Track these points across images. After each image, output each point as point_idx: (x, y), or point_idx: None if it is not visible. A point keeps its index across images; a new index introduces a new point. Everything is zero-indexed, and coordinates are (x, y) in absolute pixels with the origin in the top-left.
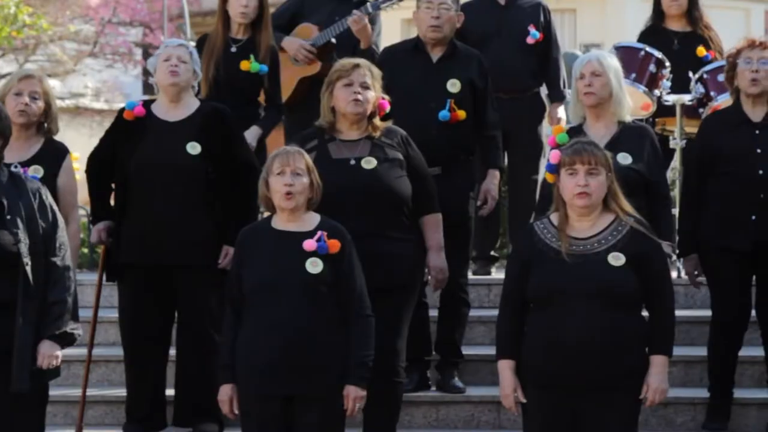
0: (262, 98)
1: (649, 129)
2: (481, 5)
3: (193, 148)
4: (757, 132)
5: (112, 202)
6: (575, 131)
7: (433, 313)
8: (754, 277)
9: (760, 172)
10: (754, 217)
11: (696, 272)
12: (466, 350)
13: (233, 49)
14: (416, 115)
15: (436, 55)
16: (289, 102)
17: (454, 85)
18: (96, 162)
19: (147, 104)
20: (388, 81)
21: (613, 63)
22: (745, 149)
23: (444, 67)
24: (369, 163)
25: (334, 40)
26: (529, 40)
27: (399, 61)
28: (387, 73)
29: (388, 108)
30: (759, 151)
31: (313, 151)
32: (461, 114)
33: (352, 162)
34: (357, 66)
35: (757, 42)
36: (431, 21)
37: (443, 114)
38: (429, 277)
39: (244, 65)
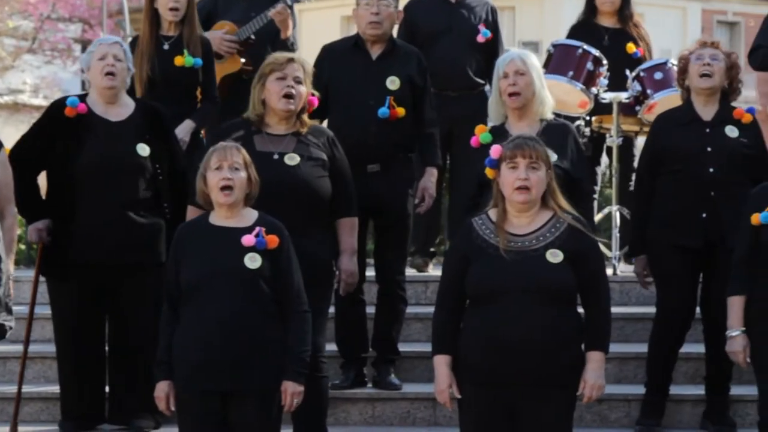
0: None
1: (571, 126)
2: (431, 3)
3: (143, 149)
4: (707, 130)
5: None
6: (498, 130)
7: (370, 310)
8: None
9: (711, 170)
10: (704, 215)
11: (645, 272)
12: (403, 347)
13: (165, 47)
14: (355, 112)
15: (375, 52)
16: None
17: (393, 83)
18: (24, 155)
19: (82, 99)
20: (327, 78)
21: (535, 62)
22: (696, 148)
23: (383, 65)
24: (292, 159)
25: (253, 37)
26: (480, 39)
27: (338, 59)
28: (326, 70)
29: (316, 104)
30: (710, 149)
31: (238, 142)
32: (400, 111)
33: (276, 156)
34: (291, 60)
35: (709, 42)
36: (371, 18)
37: (382, 111)
38: (338, 280)
39: (179, 60)
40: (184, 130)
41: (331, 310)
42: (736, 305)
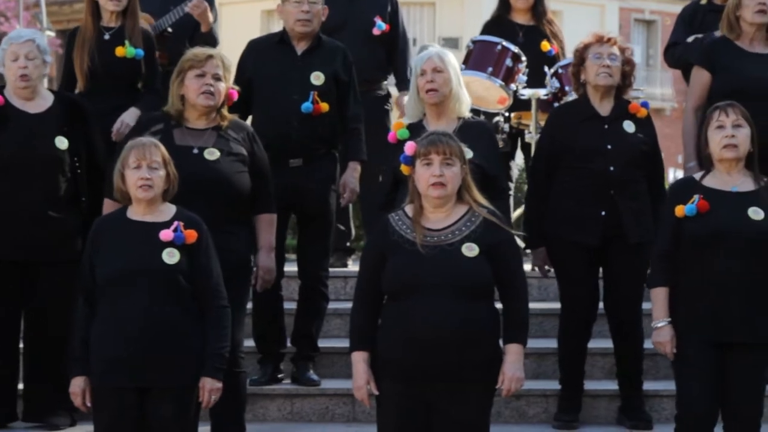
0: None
1: (488, 124)
2: None
3: (61, 142)
4: (606, 127)
5: None
6: (416, 127)
7: (289, 305)
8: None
9: (611, 168)
10: (604, 213)
11: (546, 264)
12: (322, 343)
13: (106, 37)
14: (279, 106)
15: (301, 48)
16: None
17: (317, 78)
18: None
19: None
20: (251, 73)
21: (453, 60)
22: (596, 146)
23: (308, 60)
24: (212, 154)
25: (170, 29)
26: (375, 32)
27: (264, 54)
28: (251, 65)
29: (236, 97)
30: (609, 147)
31: (157, 135)
32: (324, 106)
33: (195, 151)
34: (210, 57)
35: (605, 38)
36: (301, 15)
37: (306, 106)
38: (255, 276)
39: (120, 51)
40: (130, 115)
41: (249, 305)
42: (660, 297)
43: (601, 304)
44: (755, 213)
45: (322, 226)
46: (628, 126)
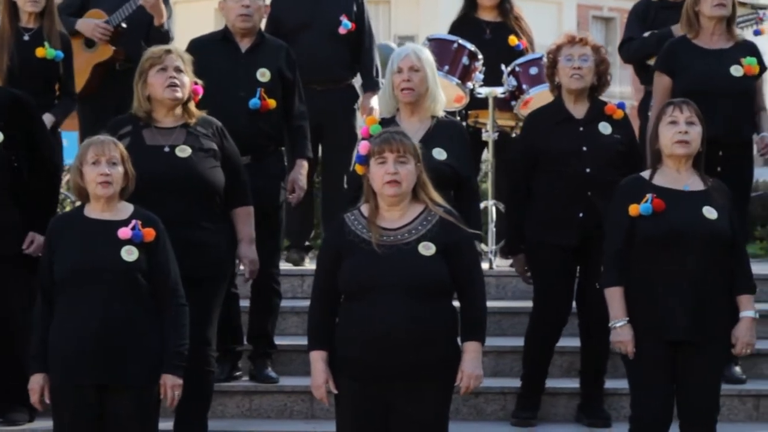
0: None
1: (461, 124)
2: None
3: None
4: (581, 129)
5: None
6: (388, 123)
7: (243, 303)
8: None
9: (588, 170)
10: (581, 215)
11: (523, 270)
12: (279, 340)
13: (26, 38)
14: (226, 104)
15: (245, 45)
16: (86, 89)
17: (263, 75)
18: None
19: None
20: (196, 71)
21: (430, 58)
22: (572, 148)
23: (253, 57)
24: (183, 151)
25: (124, 25)
26: (341, 31)
27: (208, 51)
28: (196, 63)
29: (201, 92)
30: (585, 149)
31: (127, 137)
32: (271, 103)
33: (167, 149)
34: (168, 51)
35: (576, 38)
36: (241, 10)
37: (253, 102)
38: (242, 268)
39: (40, 52)
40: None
41: None
42: (616, 296)
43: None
44: (709, 212)
45: (273, 223)
46: (604, 128)
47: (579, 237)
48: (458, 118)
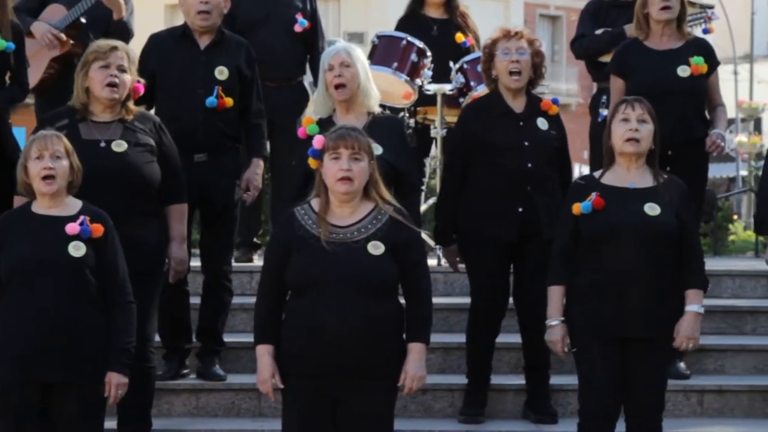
0: None
1: (399, 119)
2: None
3: None
4: (521, 123)
5: None
6: (325, 123)
7: (194, 300)
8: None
9: (529, 165)
10: (521, 210)
11: (458, 259)
12: (228, 338)
13: None
14: (183, 101)
15: (204, 42)
16: (43, 83)
17: (221, 73)
18: None
19: None
20: (155, 67)
21: (361, 55)
22: (514, 142)
23: (212, 55)
24: (119, 146)
25: (83, 19)
26: (297, 28)
27: (166, 48)
28: (154, 59)
29: (142, 91)
30: (526, 143)
31: (63, 130)
32: (228, 101)
33: (102, 144)
34: (114, 48)
35: (512, 32)
36: (200, 7)
37: (210, 101)
38: (167, 268)
39: None
40: None
41: None
42: (555, 295)
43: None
44: (651, 208)
45: (227, 220)
46: (542, 123)
47: (517, 232)
48: (407, 114)
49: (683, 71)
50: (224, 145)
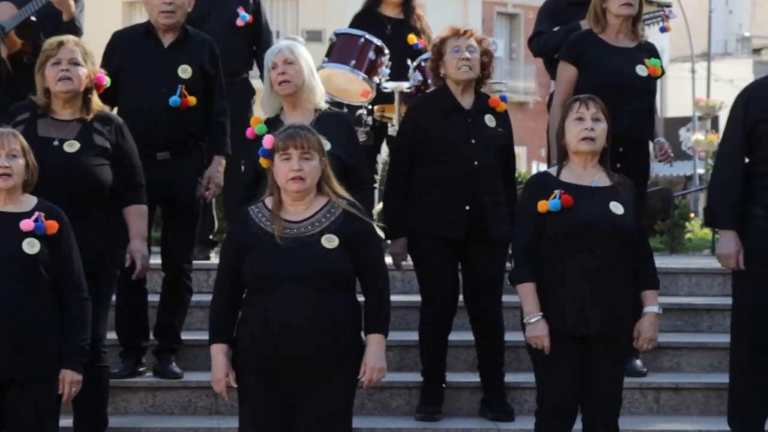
0: None
1: (346, 115)
2: None
3: None
4: (469, 120)
5: None
6: (273, 122)
7: (152, 298)
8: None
9: (475, 163)
10: (468, 207)
11: (403, 255)
12: (185, 335)
13: None
14: (146, 100)
15: (167, 40)
16: None
17: (185, 71)
18: None
19: None
20: (118, 65)
21: (304, 52)
22: (461, 139)
23: (175, 53)
24: (71, 146)
25: (34, 18)
26: (239, 23)
27: (129, 46)
28: (117, 57)
29: (105, 82)
30: (473, 141)
31: (21, 125)
32: (192, 100)
33: (56, 143)
34: (62, 43)
35: (461, 30)
36: (164, 7)
37: (174, 100)
38: (130, 264)
39: None
40: None
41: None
42: (528, 292)
43: (460, 297)
44: (616, 208)
45: (189, 218)
46: (489, 120)
47: (464, 230)
48: (364, 112)
49: (642, 70)
50: (187, 143)
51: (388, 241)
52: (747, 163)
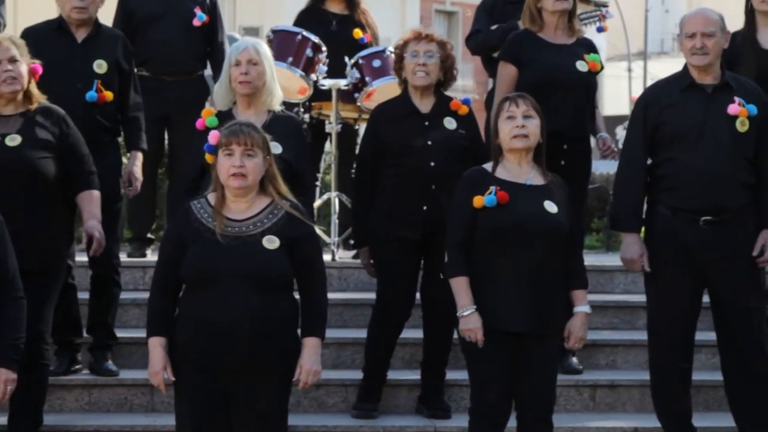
0: None
1: (298, 119)
2: None
3: None
4: (426, 123)
5: None
6: (225, 116)
7: (83, 295)
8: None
9: (432, 164)
10: (425, 208)
11: (371, 263)
12: (121, 333)
13: None
14: (63, 95)
15: (81, 35)
16: None
17: (100, 66)
18: None
19: None
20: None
21: (268, 52)
22: (417, 142)
23: (89, 48)
24: (13, 140)
25: None
26: (196, 22)
27: (42, 41)
28: (31, 53)
29: (41, 71)
30: (430, 143)
31: None
32: (108, 95)
33: None
34: None
35: (423, 34)
36: (76, 2)
37: (90, 95)
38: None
39: None
40: None
41: None
42: (461, 286)
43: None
44: (550, 206)
45: (112, 214)
46: (449, 122)
47: (423, 230)
48: (302, 109)
49: (582, 66)
50: (104, 139)
51: (326, 239)
52: (650, 164)
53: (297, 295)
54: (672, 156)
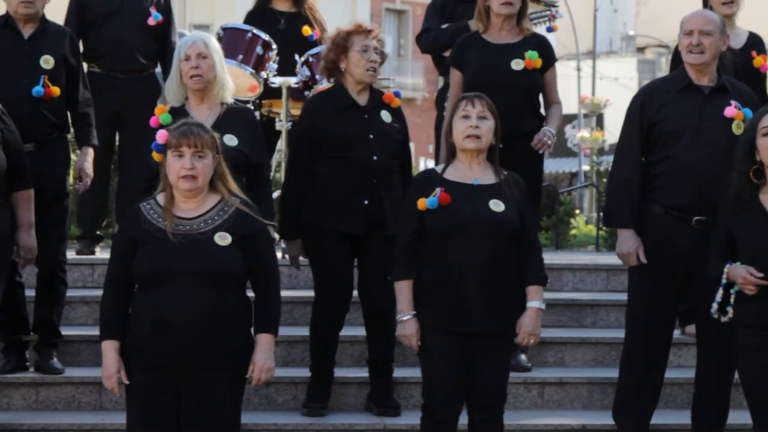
0: None
1: (251, 111)
2: None
3: None
4: (366, 116)
5: None
6: (179, 112)
7: (29, 292)
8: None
9: (375, 158)
10: (366, 202)
11: (297, 256)
12: (68, 331)
13: None
14: (9, 90)
15: (27, 31)
16: None
17: (47, 62)
18: None
19: None
20: None
21: (217, 45)
22: (359, 135)
23: (36, 44)
24: None
25: None
26: (151, 22)
27: None
28: None
29: None
30: (372, 136)
31: None
32: (55, 90)
33: None
34: None
35: (368, 29)
36: None
37: (37, 90)
38: (16, 256)
39: None
40: None
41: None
42: (404, 290)
43: (354, 292)
44: (496, 205)
45: (59, 210)
46: (385, 116)
47: (363, 225)
48: (252, 107)
49: (517, 65)
50: (51, 134)
51: (282, 242)
52: (644, 162)
53: (250, 293)
54: (666, 155)
